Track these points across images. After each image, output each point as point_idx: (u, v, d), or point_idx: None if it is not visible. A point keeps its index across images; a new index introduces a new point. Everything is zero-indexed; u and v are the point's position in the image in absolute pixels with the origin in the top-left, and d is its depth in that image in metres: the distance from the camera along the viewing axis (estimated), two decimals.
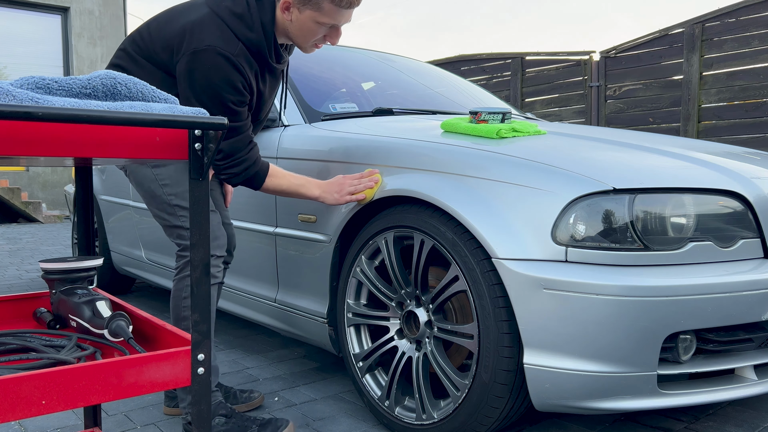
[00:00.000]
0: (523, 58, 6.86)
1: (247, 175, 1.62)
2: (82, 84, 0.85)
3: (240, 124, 1.58)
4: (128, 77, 0.91)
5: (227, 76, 1.50)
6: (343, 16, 1.57)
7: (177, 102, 0.94)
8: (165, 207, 1.63)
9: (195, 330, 0.88)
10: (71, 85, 0.85)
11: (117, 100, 0.88)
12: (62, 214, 9.08)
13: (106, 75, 0.88)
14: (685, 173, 1.46)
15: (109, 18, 10.06)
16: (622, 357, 1.30)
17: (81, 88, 0.85)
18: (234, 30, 1.53)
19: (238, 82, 1.52)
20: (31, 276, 4.19)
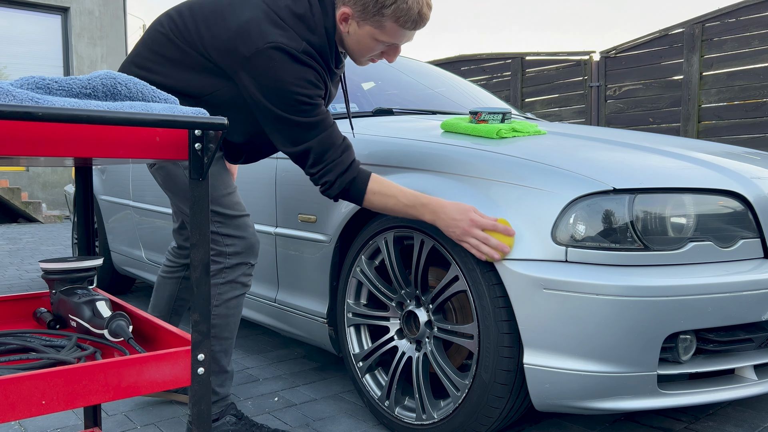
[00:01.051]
0: (523, 58, 6.86)
1: (343, 183, 1.43)
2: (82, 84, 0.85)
3: (319, 119, 1.41)
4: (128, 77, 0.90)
5: (294, 72, 1.37)
6: (405, 36, 1.47)
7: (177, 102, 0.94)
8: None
9: (195, 330, 0.88)
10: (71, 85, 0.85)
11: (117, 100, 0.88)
12: (62, 214, 9.08)
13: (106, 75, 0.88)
14: (685, 173, 1.46)
15: (109, 18, 10.06)
16: (622, 357, 1.30)
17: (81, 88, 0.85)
18: (295, 30, 1.41)
19: (309, 75, 1.39)
20: (31, 276, 4.19)
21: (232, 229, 1.53)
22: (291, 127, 1.41)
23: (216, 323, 1.54)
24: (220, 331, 1.55)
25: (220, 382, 1.58)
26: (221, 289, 1.54)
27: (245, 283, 1.57)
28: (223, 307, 1.54)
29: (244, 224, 1.55)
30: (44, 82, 0.82)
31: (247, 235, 1.55)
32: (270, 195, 2.05)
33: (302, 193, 1.93)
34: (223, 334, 1.56)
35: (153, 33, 1.51)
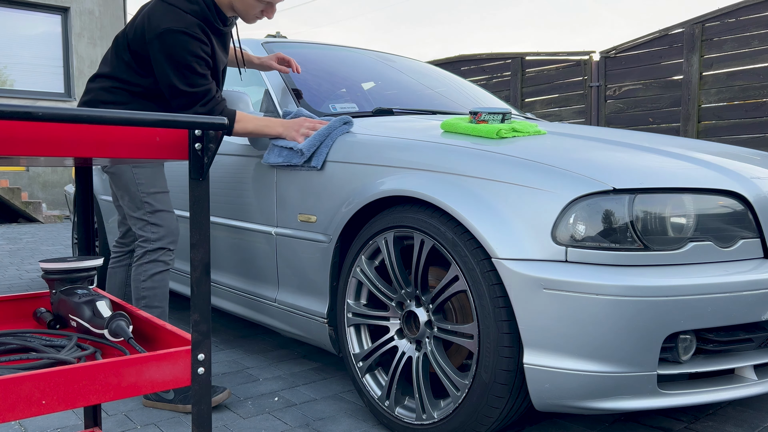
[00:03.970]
0: (523, 58, 6.86)
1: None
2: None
3: (209, 85, 1.80)
4: None
5: (189, 47, 1.74)
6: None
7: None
8: (137, 201, 1.89)
9: (195, 330, 0.88)
10: None
11: None
12: (62, 214, 9.07)
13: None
14: (685, 173, 1.46)
15: (109, 18, 10.06)
16: (622, 357, 1.30)
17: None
18: (179, 6, 1.75)
19: (198, 48, 1.76)
20: (31, 276, 4.18)
21: (157, 219, 1.90)
22: (183, 96, 1.78)
23: (146, 295, 1.90)
24: (151, 301, 1.90)
25: None
26: (146, 267, 1.89)
27: (166, 262, 1.92)
28: (150, 281, 1.90)
29: (168, 218, 1.92)
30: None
31: (169, 225, 1.92)
32: (270, 195, 2.05)
33: (302, 193, 1.93)
34: (153, 304, 1.91)
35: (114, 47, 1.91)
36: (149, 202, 1.89)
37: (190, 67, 1.75)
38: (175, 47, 1.73)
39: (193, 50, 1.75)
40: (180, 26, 1.73)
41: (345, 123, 1.91)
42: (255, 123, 1.91)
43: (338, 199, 1.80)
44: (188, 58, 1.74)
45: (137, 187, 1.88)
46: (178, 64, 1.74)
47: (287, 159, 1.92)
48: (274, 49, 2.42)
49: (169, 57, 1.74)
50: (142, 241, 1.90)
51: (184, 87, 1.76)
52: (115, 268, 2.19)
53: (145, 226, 1.90)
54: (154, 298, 1.89)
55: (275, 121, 1.93)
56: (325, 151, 1.85)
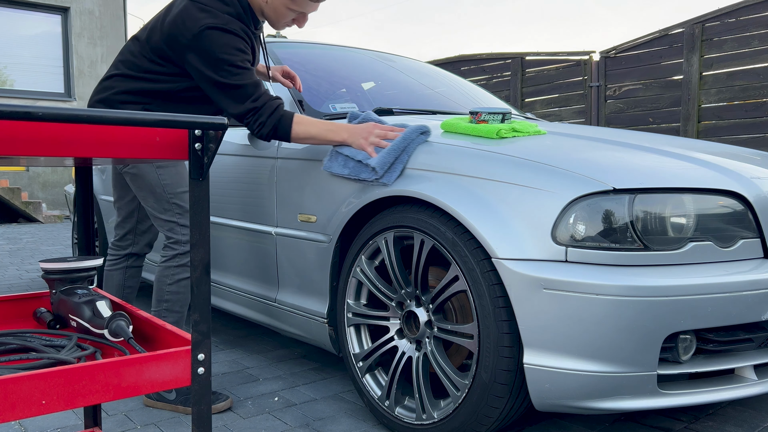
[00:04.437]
0: (523, 58, 6.86)
1: (273, 121, 1.72)
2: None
3: (255, 79, 1.73)
4: None
5: (227, 42, 1.68)
6: (310, 7, 1.82)
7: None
8: (163, 203, 1.83)
9: (195, 330, 0.88)
10: None
11: None
12: (62, 214, 9.07)
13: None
14: (685, 173, 1.46)
15: (109, 18, 10.06)
16: (622, 357, 1.30)
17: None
18: (213, 7, 1.71)
19: (239, 43, 1.70)
20: (31, 276, 4.19)
21: (188, 221, 1.82)
22: (233, 91, 1.71)
23: (169, 299, 1.86)
24: (172, 306, 1.87)
25: None
26: (175, 271, 1.85)
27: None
28: (175, 286, 1.86)
29: None
30: None
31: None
32: (270, 195, 2.05)
33: (302, 193, 1.93)
34: (174, 308, 1.87)
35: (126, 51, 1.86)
36: (177, 203, 1.83)
37: (232, 63, 1.68)
38: (216, 44, 1.67)
39: (235, 45, 1.69)
40: (219, 23, 1.68)
41: (423, 133, 1.67)
42: (318, 127, 1.74)
43: (338, 199, 1.80)
44: (230, 52, 1.68)
45: (163, 188, 1.82)
46: (219, 61, 1.68)
47: (354, 172, 1.69)
48: (274, 50, 2.42)
49: (210, 55, 1.67)
50: (172, 243, 1.85)
51: (231, 81, 1.69)
52: (112, 271, 2.14)
53: (175, 228, 1.84)
54: (176, 302, 1.86)
55: (340, 126, 1.74)
56: (399, 167, 1.62)
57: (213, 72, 1.69)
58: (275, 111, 1.73)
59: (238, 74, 1.69)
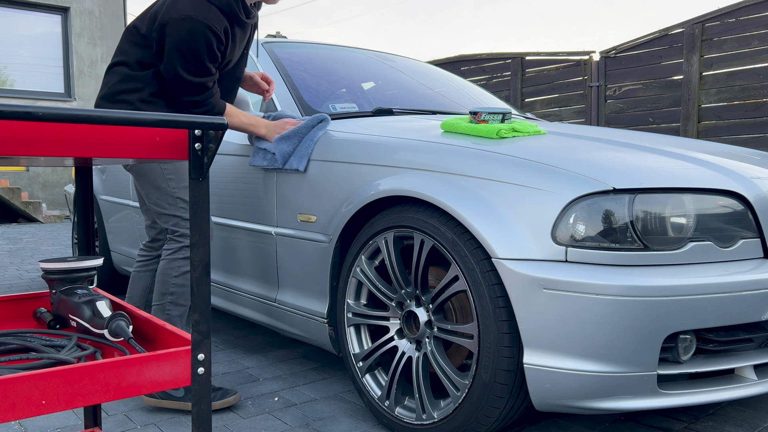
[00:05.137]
0: (523, 58, 6.86)
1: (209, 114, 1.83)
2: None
3: (212, 78, 1.81)
4: None
5: (205, 40, 1.72)
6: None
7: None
8: (168, 198, 1.85)
9: (195, 330, 0.88)
10: None
11: None
12: (62, 214, 9.07)
13: None
14: (685, 173, 1.46)
15: (109, 18, 10.06)
16: (622, 357, 1.30)
17: None
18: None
19: (213, 44, 1.75)
20: (31, 276, 4.18)
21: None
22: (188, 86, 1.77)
23: (174, 291, 1.85)
24: (177, 299, 1.86)
25: None
26: (180, 263, 1.85)
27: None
28: (181, 278, 1.85)
29: None
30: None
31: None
32: (270, 195, 2.05)
33: (302, 193, 1.93)
34: (179, 301, 1.87)
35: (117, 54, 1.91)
36: (182, 197, 1.86)
37: (201, 60, 1.74)
38: (191, 35, 1.71)
39: (210, 44, 1.74)
40: (202, 17, 1.71)
41: (321, 122, 1.92)
42: (240, 119, 1.93)
43: (338, 199, 1.80)
44: (200, 48, 1.73)
45: (167, 182, 1.85)
46: (189, 54, 1.73)
47: (271, 162, 1.94)
48: (274, 50, 2.42)
49: (181, 43, 1.72)
50: (178, 236, 1.87)
51: (189, 77, 1.75)
52: (140, 272, 2.12)
53: (180, 222, 1.87)
54: (182, 295, 1.86)
55: (261, 122, 1.95)
56: (305, 152, 1.86)
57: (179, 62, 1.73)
58: (213, 108, 1.85)
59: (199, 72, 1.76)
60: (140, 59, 1.81)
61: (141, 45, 1.81)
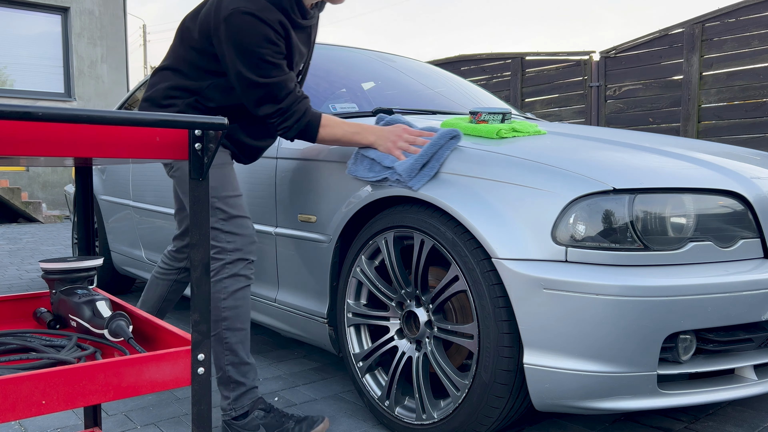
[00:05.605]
0: (523, 58, 6.86)
1: (300, 126, 1.62)
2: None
3: (285, 77, 1.59)
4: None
5: (259, 32, 1.53)
6: None
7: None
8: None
9: (195, 330, 0.88)
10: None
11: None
12: (62, 214, 9.08)
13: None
14: (685, 173, 1.46)
15: (109, 18, 10.06)
16: (622, 357, 1.30)
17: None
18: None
19: (270, 34, 1.54)
20: (31, 276, 4.19)
21: (233, 227, 1.64)
22: (257, 89, 1.58)
23: (227, 315, 1.61)
24: (233, 323, 1.62)
25: (242, 373, 1.60)
26: (226, 283, 1.62)
27: (248, 276, 1.65)
28: (231, 299, 1.62)
29: (245, 224, 1.67)
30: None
31: (247, 233, 1.66)
32: (270, 195, 2.05)
33: (302, 193, 1.93)
34: (235, 326, 1.62)
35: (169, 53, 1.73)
36: (221, 207, 1.64)
37: (259, 55, 1.54)
38: (244, 31, 1.52)
39: (266, 35, 1.54)
40: (252, 8, 1.52)
41: (453, 137, 1.59)
42: (344, 129, 1.65)
43: (338, 199, 1.80)
44: (259, 43, 1.53)
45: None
46: (246, 50, 1.53)
47: (380, 176, 1.62)
48: None
49: (237, 42, 1.53)
50: (217, 253, 1.64)
51: (255, 77, 1.55)
52: (159, 280, 2.04)
53: (219, 235, 1.64)
54: (236, 318, 1.63)
55: (367, 128, 1.66)
56: (428, 173, 1.55)
57: (239, 61, 1.55)
58: (303, 116, 1.62)
59: (265, 69, 1.55)
60: (193, 64, 1.65)
61: (195, 49, 1.64)
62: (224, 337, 1.61)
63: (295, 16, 1.63)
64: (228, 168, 1.69)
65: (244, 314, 1.64)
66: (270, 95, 1.58)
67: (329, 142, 1.67)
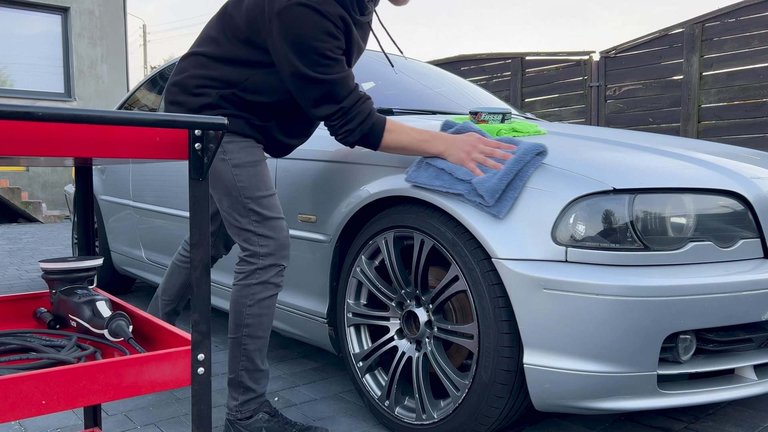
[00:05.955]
0: (523, 58, 6.86)
1: (364, 129, 1.49)
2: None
3: (346, 74, 1.47)
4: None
5: (317, 25, 1.42)
6: None
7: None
8: (239, 209, 1.56)
9: (195, 330, 0.88)
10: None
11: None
12: (62, 214, 9.08)
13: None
14: (685, 173, 1.46)
15: (109, 18, 10.06)
16: (622, 357, 1.30)
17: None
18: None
19: (331, 28, 1.43)
20: (31, 276, 4.19)
21: (267, 230, 1.56)
22: (316, 86, 1.45)
23: (250, 323, 1.57)
24: (254, 331, 1.57)
25: (255, 380, 1.59)
26: (255, 290, 1.56)
27: (278, 284, 1.59)
28: (256, 307, 1.56)
29: (280, 226, 1.58)
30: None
31: (281, 237, 1.58)
32: None
33: (302, 193, 1.93)
34: (257, 333, 1.58)
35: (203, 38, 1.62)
36: (255, 209, 1.55)
37: (319, 50, 1.41)
38: (302, 25, 1.40)
39: (326, 28, 1.42)
40: (310, 1, 1.41)
41: (539, 153, 1.43)
42: (411, 135, 1.51)
43: (338, 199, 1.80)
44: (320, 37, 1.41)
45: (239, 191, 1.55)
46: (303, 45, 1.41)
47: (449, 185, 1.47)
48: None
49: (294, 37, 1.40)
50: (248, 256, 1.56)
51: (313, 74, 1.43)
52: (180, 267, 1.99)
53: (252, 238, 1.55)
54: (259, 327, 1.57)
55: (437, 136, 1.52)
56: (512, 195, 1.39)
57: (296, 58, 1.42)
58: (367, 117, 1.49)
59: (325, 65, 1.43)
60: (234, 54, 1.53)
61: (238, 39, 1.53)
62: (244, 343, 1.57)
63: (354, 12, 1.53)
64: (262, 165, 1.59)
65: (267, 323, 1.58)
66: (330, 94, 1.45)
67: (393, 149, 1.53)
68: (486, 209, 1.40)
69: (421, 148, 1.52)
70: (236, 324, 1.58)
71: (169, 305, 2.02)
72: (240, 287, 1.57)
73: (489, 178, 1.39)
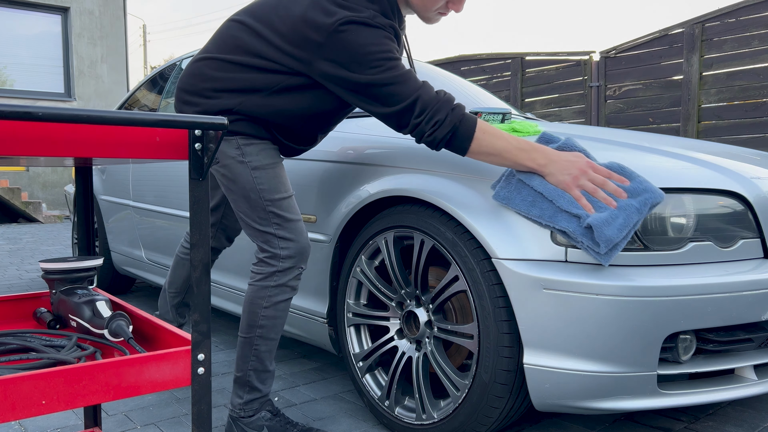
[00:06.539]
0: (523, 58, 6.86)
1: (454, 120, 1.36)
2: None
3: (407, 70, 1.39)
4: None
5: (376, 34, 1.36)
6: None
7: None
8: (259, 211, 1.53)
9: (195, 330, 0.88)
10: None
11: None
12: (62, 214, 9.08)
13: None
14: (685, 173, 1.46)
15: (109, 18, 10.06)
16: (622, 357, 1.30)
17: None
18: (354, 2, 1.41)
19: (386, 34, 1.39)
20: (31, 276, 4.19)
21: (288, 232, 1.54)
22: (387, 87, 1.37)
23: (264, 324, 1.55)
24: (267, 332, 1.56)
25: (262, 380, 1.59)
26: (272, 292, 1.54)
27: (294, 287, 1.57)
28: (272, 309, 1.55)
29: (299, 229, 1.56)
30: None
31: (301, 239, 1.56)
32: None
33: (302, 192, 1.93)
34: (269, 335, 1.57)
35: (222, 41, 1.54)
36: (275, 211, 1.53)
37: (383, 56, 1.35)
38: (359, 42, 1.35)
39: (383, 35, 1.37)
40: (362, 17, 1.35)
41: (655, 204, 1.29)
42: (507, 140, 1.35)
43: (338, 199, 1.80)
44: (380, 43, 1.35)
45: (259, 193, 1.52)
46: (365, 56, 1.35)
47: (549, 216, 1.31)
48: None
49: (352, 53, 1.35)
50: (269, 257, 1.54)
51: (385, 76, 1.36)
52: (184, 259, 1.99)
53: (273, 240, 1.53)
54: (272, 329, 1.56)
55: (537, 147, 1.35)
56: (623, 245, 1.27)
57: (359, 71, 1.36)
58: (455, 109, 1.36)
59: (392, 67, 1.36)
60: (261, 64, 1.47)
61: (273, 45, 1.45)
62: (255, 344, 1.56)
63: (396, 22, 1.49)
64: (279, 167, 1.56)
65: (280, 325, 1.57)
66: (404, 91, 1.36)
67: (485, 156, 1.36)
68: (593, 254, 1.27)
69: (517, 158, 1.34)
70: (249, 324, 1.56)
71: (176, 297, 2.04)
72: (257, 288, 1.55)
73: (606, 222, 1.23)
